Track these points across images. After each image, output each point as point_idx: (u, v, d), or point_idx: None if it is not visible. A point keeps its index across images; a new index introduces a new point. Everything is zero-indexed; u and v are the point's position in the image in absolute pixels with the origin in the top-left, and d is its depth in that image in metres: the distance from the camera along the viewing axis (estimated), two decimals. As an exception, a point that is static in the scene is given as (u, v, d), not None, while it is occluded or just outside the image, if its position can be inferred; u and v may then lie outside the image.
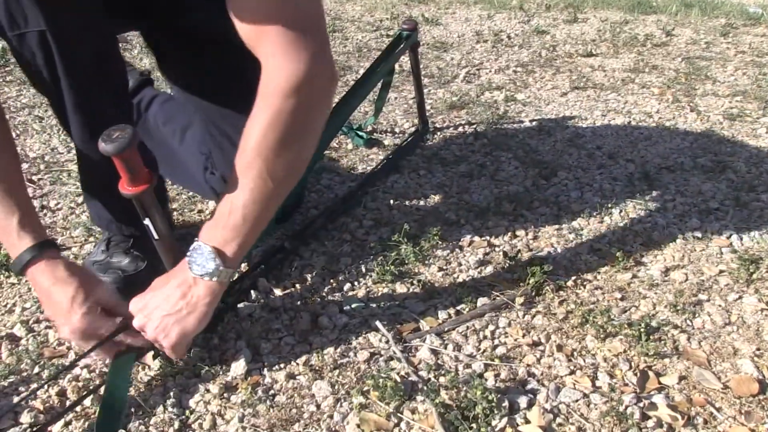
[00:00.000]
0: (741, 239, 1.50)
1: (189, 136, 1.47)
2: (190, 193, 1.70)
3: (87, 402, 1.05)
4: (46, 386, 1.07)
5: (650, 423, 1.00)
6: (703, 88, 2.49)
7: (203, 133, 1.39)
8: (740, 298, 1.30)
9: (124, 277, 1.26)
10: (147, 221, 1.01)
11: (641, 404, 1.03)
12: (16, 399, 1.06)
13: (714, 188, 1.74)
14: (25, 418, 1.02)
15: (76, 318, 0.99)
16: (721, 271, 1.39)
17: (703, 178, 1.81)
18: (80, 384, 1.09)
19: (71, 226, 1.55)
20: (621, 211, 1.62)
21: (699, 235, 1.52)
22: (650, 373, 1.11)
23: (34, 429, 0.99)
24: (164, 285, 1.03)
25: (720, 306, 1.28)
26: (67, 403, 1.05)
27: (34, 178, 1.74)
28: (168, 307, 1.01)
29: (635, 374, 1.10)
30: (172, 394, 1.06)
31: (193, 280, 1.00)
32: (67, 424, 1.02)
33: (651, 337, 1.18)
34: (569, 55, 2.92)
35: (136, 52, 2.86)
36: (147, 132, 1.57)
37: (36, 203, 1.65)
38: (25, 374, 1.11)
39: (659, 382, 1.09)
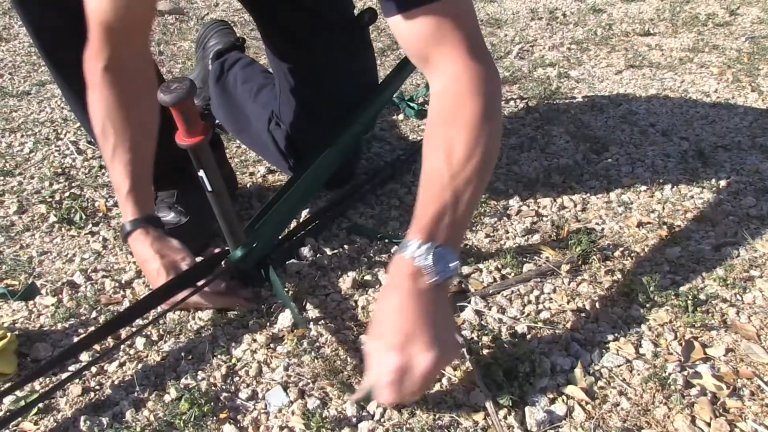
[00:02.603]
0: (799, 219, 1.46)
1: (263, 93, 1.57)
2: (243, 156, 1.74)
3: (140, 346, 1.09)
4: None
5: (693, 391, 0.99)
6: (767, 69, 2.41)
7: (277, 92, 1.49)
8: (795, 276, 1.27)
9: (166, 230, 1.30)
10: (201, 173, 1.04)
11: (685, 372, 1.03)
12: (76, 340, 1.11)
13: (772, 168, 1.69)
14: (84, 356, 1.07)
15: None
16: (775, 249, 1.36)
17: (761, 157, 1.76)
18: (134, 329, 1.13)
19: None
20: (672, 187, 1.59)
21: (754, 213, 1.48)
22: (696, 344, 1.09)
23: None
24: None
25: (773, 283, 1.25)
26: (121, 346, 1.10)
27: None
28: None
29: (680, 344, 1.09)
30: (221, 342, 1.10)
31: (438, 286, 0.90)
32: (122, 365, 1.06)
33: (698, 309, 1.16)
34: (625, 34, 2.85)
35: (192, 24, 2.91)
36: (225, 89, 1.65)
37: (94, 162, 1.72)
38: (83, 318, 1.17)
39: (705, 353, 1.08)
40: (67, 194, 1.57)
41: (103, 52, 1.06)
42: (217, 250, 1.25)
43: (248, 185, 1.61)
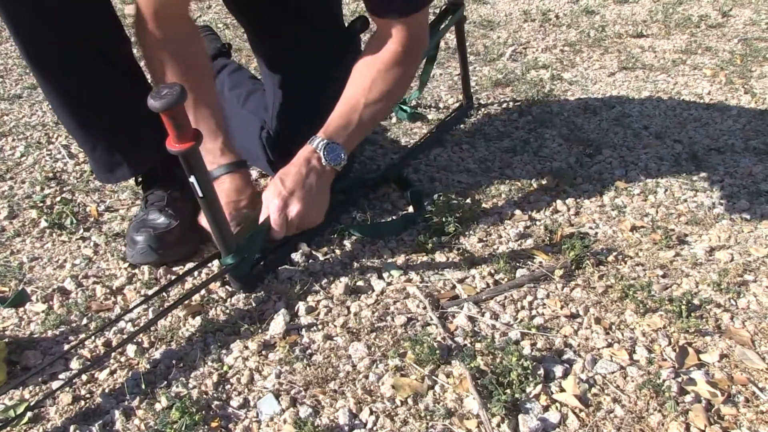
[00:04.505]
0: (792, 222, 1.46)
1: (253, 99, 1.57)
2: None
3: (131, 353, 1.08)
4: (93, 337, 1.11)
5: (688, 398, 0.99)
6: (761, 70, 2.41)
7: (267, 99, 1.50)
8: (788, 280, 1.27)
9: (155, 234, 1.29)
10: (192, 179, 1.03)
11: (679, 379, 1.02)
12: (66, 347, 1.10)
13: (766, 170, 1.69)
14: (75, 364, 1.06)
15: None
16: (769, 253, 1.36)
17: (754, 160, 1.76)
18: (124, 336, 1.12)
19: (119, 189, 1.59)
20: (666, 191, 1.58)
21: (747, 216, 1.48)
22: (690, 350, 1.09)
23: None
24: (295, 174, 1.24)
25: (767, 287, 1.25)
26: (112, 354, 1.09)
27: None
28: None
29: (674, 350, 1.09)
30: (212, 349, 1.09)
31: (324, 169, 1.25)
32: (112, 372, 1.05)
33: (692, 314, 1.16)
34: (618, 36, 2.85)
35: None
36: None
37: (86, 167, 1.70)
38: (74, 325, 1.16)
39: (699, 359, 1.07)
40: (58, 199, 1.55)
41: (158, 31, 1.21)
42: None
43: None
